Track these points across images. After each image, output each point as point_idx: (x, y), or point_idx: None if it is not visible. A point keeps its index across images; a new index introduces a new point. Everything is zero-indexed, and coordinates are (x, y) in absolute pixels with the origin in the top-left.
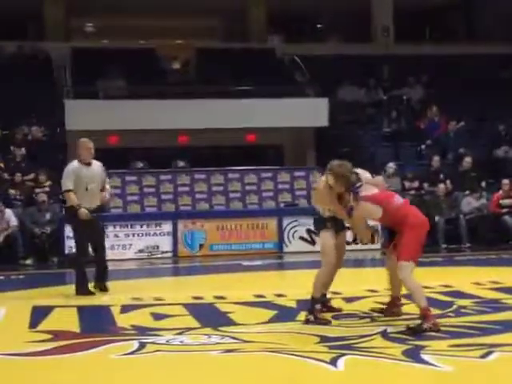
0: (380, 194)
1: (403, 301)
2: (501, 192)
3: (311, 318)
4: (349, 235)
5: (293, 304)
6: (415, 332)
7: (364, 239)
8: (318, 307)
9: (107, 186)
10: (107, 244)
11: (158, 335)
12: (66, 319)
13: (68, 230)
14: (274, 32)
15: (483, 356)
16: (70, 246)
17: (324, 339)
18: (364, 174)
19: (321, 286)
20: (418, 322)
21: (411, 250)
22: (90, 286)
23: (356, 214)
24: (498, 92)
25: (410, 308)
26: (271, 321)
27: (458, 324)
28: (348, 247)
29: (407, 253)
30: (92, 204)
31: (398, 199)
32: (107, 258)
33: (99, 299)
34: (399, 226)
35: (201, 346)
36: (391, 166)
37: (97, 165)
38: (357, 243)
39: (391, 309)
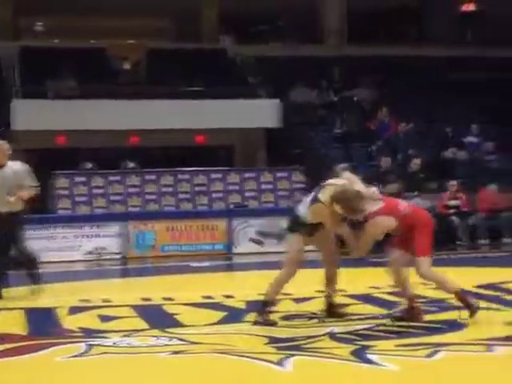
0: (386, 205)
1: (351, 301)
2: (448, 193)
3: (260, 319)
4: None
5: (241, 305)
6: (472, 314)
7: (363, 254)
8: (267, 309)
9: (25, 190)
10: (55, 245)
11: (106, 337)
12: (12, 322)
13: None
14: (225, 33)
15: (429, 355)
16: None
17: (272, 340)
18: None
19: (277, 289)
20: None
21: (426, 246)
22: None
23: (371, 230)
24: (447, 94)
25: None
26: (220, 322)
27: (405, 324)
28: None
29: (423, 249)
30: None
31: (403, 204)
32: (56, 260)
33: (46, 301)
34: (411, 228)
35: (148, 348)
36: (342, 167)
37: (11, 168)
38: None
39: (412, 311)
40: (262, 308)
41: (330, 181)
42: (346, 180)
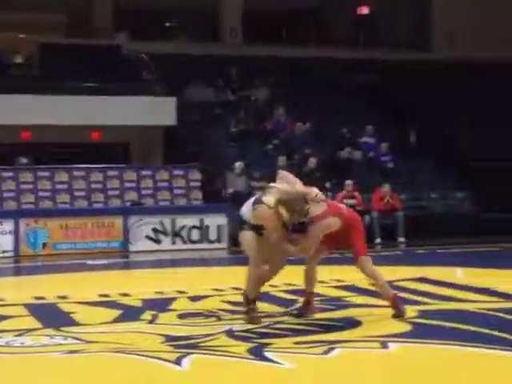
0: (330, 207)
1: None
2: (344, 192)
3: (245, 318)
4: None
5: (138, 303)
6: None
7: (309, 253)
8: (252, 307)
9: None
10: None
11: None
12: None
13: None
14: (120, 29)
15: (325, 352)
16: None
17: (169, 338)
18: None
19: (255, 285)
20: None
21: (364, 245)
22: None
23: (318, 231)
24: (343, 95)
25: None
26: (116, 320)
27: (302, 322)
28: (197, 246)
29: (363, 248)
30: None
31: (342, 206)
32: None
33: None
34: (348, 228)
35: (42, 348)
36: (238, 166)
37: None
38: None
39: (307, 306)
40: (246, 306)
41: (274, 184)
42: (285, 181)
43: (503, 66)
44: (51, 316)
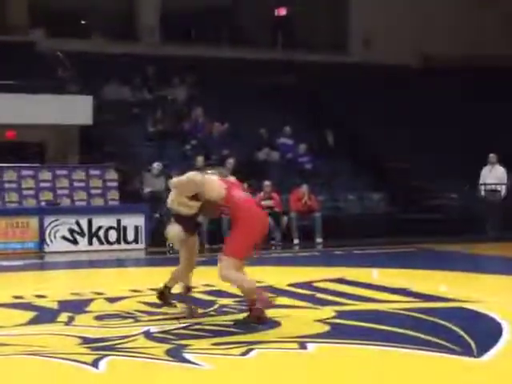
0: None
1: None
2: (262, 193)
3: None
4: None
5: (53, 305)
6: (244, 324)
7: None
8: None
9: None
10: None
11: None
12: None
13: None
14: (36, 26)
15: (244, 353)
16: None
17: (86, 340)
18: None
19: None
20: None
21: (237, 246)
22: None
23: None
24: (262, 96)
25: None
26: (30, 322)
27: (220, 323)
28: (114, 247)
29: (235, 249)
30: None
31: (241, 192)
32: None
33: None
34: (234, 218)
35: None
36: (156, 166)
37: None
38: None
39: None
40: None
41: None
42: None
43: (419, 69)
44: None
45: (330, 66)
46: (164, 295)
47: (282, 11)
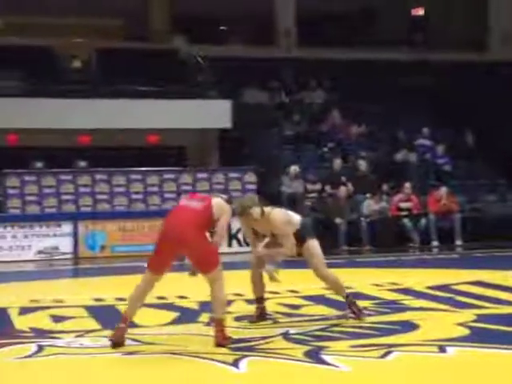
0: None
1: (304, 302)
2: (401, 195)
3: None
4: None
5: (195, 305)
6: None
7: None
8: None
9: None
10: (6, 245)
11: (57, 338)
12: None
13: None
14: (177, 33)
15: (382, 356)
16: None
17: None
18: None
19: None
20: None
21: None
22: None
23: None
24: (399, 97)
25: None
26: (173, 322)
27: (358, 325)
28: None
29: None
30: None
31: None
32: (6, 259)
33: None
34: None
35: (101, 349)
36: (294, 169)
37: None
38: None
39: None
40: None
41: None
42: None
43: None
44: (110, 317)
45: (468, 64)
46: None
47: (419, 11)
